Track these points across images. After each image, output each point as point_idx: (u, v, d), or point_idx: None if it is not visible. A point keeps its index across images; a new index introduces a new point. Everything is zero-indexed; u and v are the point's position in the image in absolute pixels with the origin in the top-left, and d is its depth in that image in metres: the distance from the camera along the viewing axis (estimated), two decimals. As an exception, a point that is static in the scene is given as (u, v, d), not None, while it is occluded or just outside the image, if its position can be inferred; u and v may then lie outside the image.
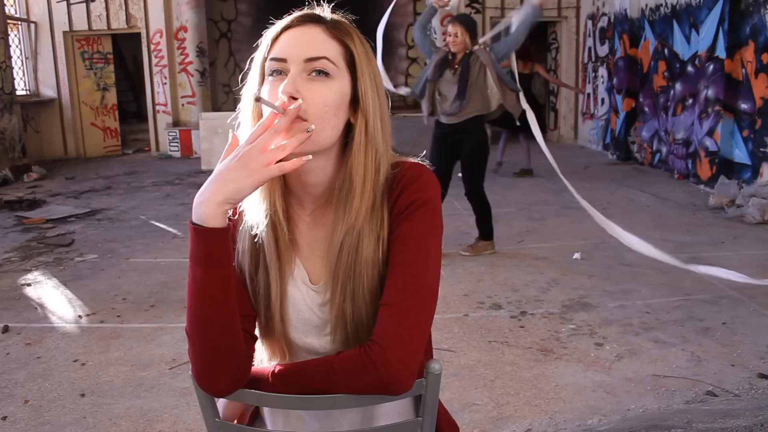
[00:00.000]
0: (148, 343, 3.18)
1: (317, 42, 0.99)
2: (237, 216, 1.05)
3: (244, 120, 1.03)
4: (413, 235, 0.99)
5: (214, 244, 0.93)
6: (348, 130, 1.03)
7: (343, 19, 1.04)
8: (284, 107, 0.92)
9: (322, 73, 0.97)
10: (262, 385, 1.01)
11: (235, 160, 0.90)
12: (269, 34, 1.02)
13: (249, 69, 1.04)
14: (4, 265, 4.56)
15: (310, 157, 0.93)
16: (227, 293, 0.96)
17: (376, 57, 1.07)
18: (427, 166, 1.06)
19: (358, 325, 1.03)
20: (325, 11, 1.04)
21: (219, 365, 0.97)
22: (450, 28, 4.42)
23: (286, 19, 1.02)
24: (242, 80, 1.05)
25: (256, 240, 1.04)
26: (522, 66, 7.29)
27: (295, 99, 0.94)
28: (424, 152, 1.16)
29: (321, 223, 1.06)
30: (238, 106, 1.04)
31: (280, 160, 0.90)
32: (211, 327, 0.96)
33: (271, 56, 0.99)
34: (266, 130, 0.91)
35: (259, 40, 1.03)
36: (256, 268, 1.05)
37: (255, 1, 12.76)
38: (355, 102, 1.02)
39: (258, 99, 0.93)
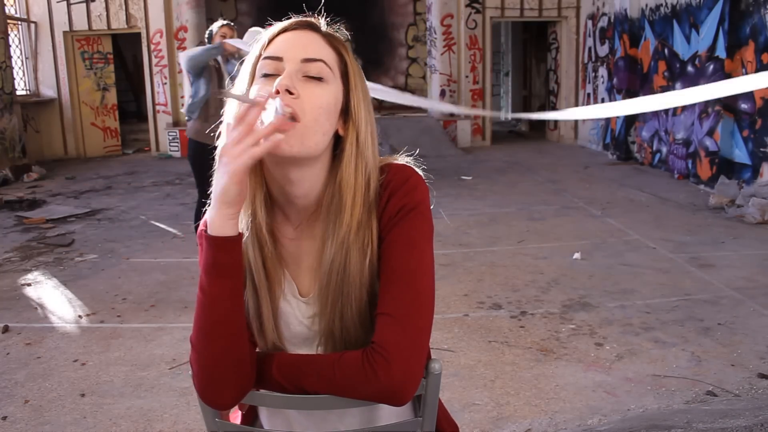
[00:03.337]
0: (148, 343, 3.18)
1: (314, 45, 0.99)
2: None
3: (227, 118, 1.00)
4: (405, 241, 0.98)
5: (221, 253, 0.91)
6: (335, 143, 1.02)
7: (337, 33, 1.04)
8: (256, 101, 0.88)
9: (317, 76, 0.97)
10: (261, 373, 1.00)
11: (216, 164, 0.90)
12: (265, 34, 1.01)
13: (237, 72, 1.02)
14: (4, 265, 4.56)
15: (280, 136, 0.88)
16: (235, 305, 0.94)
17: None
18: (414, 167, 1.05)
19: (347, 342, 1.02)
20: (321, 22, 1.03)
21: (224, 378, 0.96)
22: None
23: (284, 22, 1.01)
24: (230, 82, 1.04)
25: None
26: None
27: (292, 93, 0.93)
28: (418, 150, 1.15)
29: (309, 236, 1.04)
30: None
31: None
32: (218, 339, 0.94)
33: (266, 55, 0.98)
34: (239, 123, 0.88)
35: (251, 40, 1.02)
36: (243, 286, 1.02)
37: (255, 1, 12.77)
38: (344, 113, 1.01)
39: (225, 95, 0.89)
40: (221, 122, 0.99)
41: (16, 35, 9.76)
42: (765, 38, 5.82)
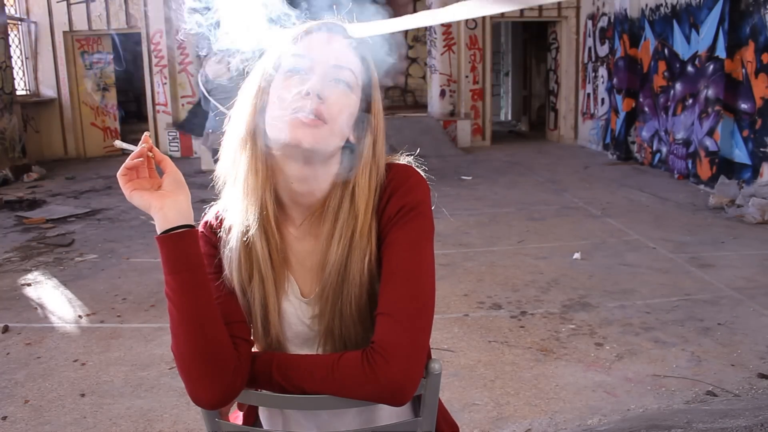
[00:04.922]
0: (148, 343, 3.18)
1: (344, 53, 1.00)
2: (212, 227, 1.06)
3: (240, 109, 1.02)
4: (405, 242, 0.98)
5: (165, 250, 0.95)
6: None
7: (364, 40, 1.05)
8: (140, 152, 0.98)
9: (345, 83, 0.98)
10: (260, 374, 1.00)
11: None
12: (294, 30, 1.01)
13: (255, 62, 1.03)
14: (4, 265, 4.56)
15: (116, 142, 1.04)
16: (195, 296, 0.95)
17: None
18: (415, 167, 1.05)
19: (347, 341, 1.03)
20: (349, 28, 1.04)
21: (203, 373, 0.95)
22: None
23: (314, 22, 1.02)
24: (247, 70, 1.03)
25: (248, 249, 1.02)
26: None
27: (321, 99, 0.95)
28: (418, 150, 1.16)
29: (312, 235, 1.05)
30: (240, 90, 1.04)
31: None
32: (187, 333, 0.94)
33: (296, 53, 0.99)
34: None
35: (276, 30, 1.02)
36: (249, 280, 1.03)
37: (255, 1, 12.75)
38: (359, 121, 1.02)
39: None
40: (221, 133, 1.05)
41: (16, 35, 9.75)
42: (765, 38, 5.82)
